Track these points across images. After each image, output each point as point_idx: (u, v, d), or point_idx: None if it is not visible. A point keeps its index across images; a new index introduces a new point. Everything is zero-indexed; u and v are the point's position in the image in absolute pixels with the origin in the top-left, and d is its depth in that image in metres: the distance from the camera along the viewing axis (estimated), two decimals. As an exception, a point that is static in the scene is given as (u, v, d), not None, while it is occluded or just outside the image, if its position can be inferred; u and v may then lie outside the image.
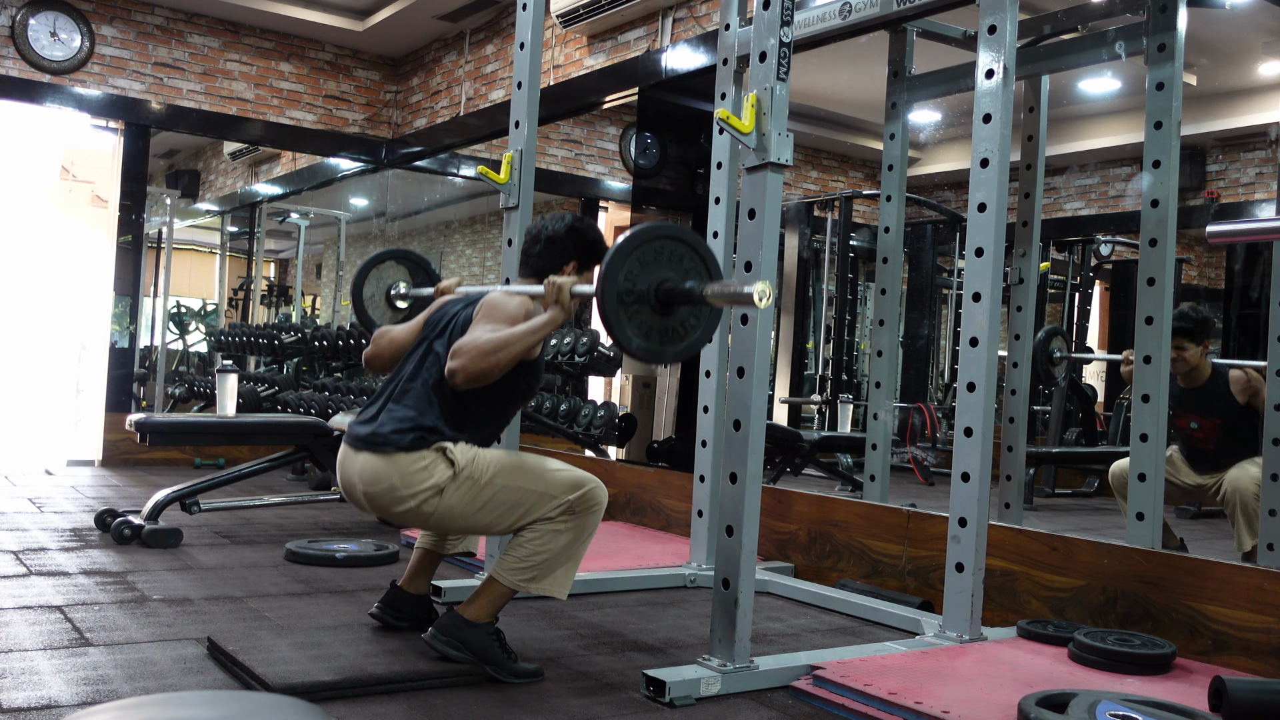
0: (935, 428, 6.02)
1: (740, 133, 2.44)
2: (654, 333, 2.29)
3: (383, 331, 2.78)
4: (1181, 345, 3.86)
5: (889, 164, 4.14)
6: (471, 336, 2.40)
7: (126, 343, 6.68)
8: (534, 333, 2.38)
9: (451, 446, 2.45)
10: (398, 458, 2.43)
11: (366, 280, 3.29)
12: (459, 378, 2.35)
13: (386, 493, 2.45)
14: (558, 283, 2.39)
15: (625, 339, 2.23)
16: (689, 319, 2.34)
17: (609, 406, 5.48)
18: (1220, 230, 2.39)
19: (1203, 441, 3.94)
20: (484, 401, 2.53)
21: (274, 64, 7.24)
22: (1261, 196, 5.96)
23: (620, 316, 2.22)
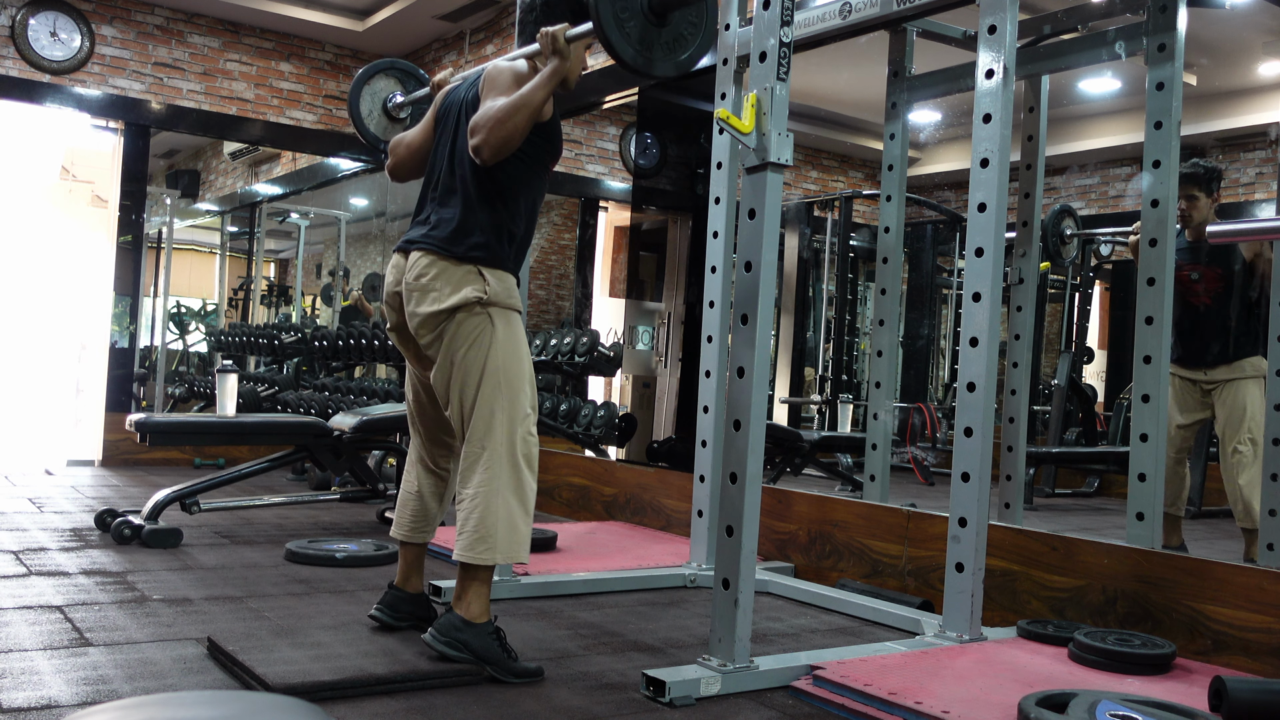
0: (935, 428, 6.03)
1: (740, 133, 2.44)
2: (654, 43, 2.36)
3: (397, 140, 2.82)
4: (1192, 193, 3.86)
5: (889, 164, 4.14)
6: (483, 109, 2.44)
7: (126, 343, 6.68)
8: (541, 86, 2.43)
9: (490, 274, 2.49)
10: (445, 263, 2.49)
11: (361, 98, 3.28)
12: (485, 153, 2.40)
13: (423, 289, 2.50)
14: (550, 31, 2.44)
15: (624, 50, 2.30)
16: (685, 29, 2.41)
17: (609, 406, 5.48)
18: (1220, 230, 2.39)
19: (1201, 295, 3.93)
20: (516, 178, 2.55)
21: (274, 64, 7.25)
22: (1261, 196, 5.96)
23: (618, 32, 2.29)
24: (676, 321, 5.14)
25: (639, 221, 6.13)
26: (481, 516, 2.46)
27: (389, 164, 2.82)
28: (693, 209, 5.20)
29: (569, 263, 8.13)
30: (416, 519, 2.78)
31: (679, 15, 2.38)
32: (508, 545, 2.48)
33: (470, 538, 2.46)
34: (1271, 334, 3.40)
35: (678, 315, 5.12)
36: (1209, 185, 3.90)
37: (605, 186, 7.51)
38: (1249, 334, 3.88)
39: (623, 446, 5.52)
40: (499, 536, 2.47)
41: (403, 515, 2.79)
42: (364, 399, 6.20)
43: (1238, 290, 3.89)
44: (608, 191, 7.53)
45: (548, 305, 8.41)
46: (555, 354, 5.66)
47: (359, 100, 3.27)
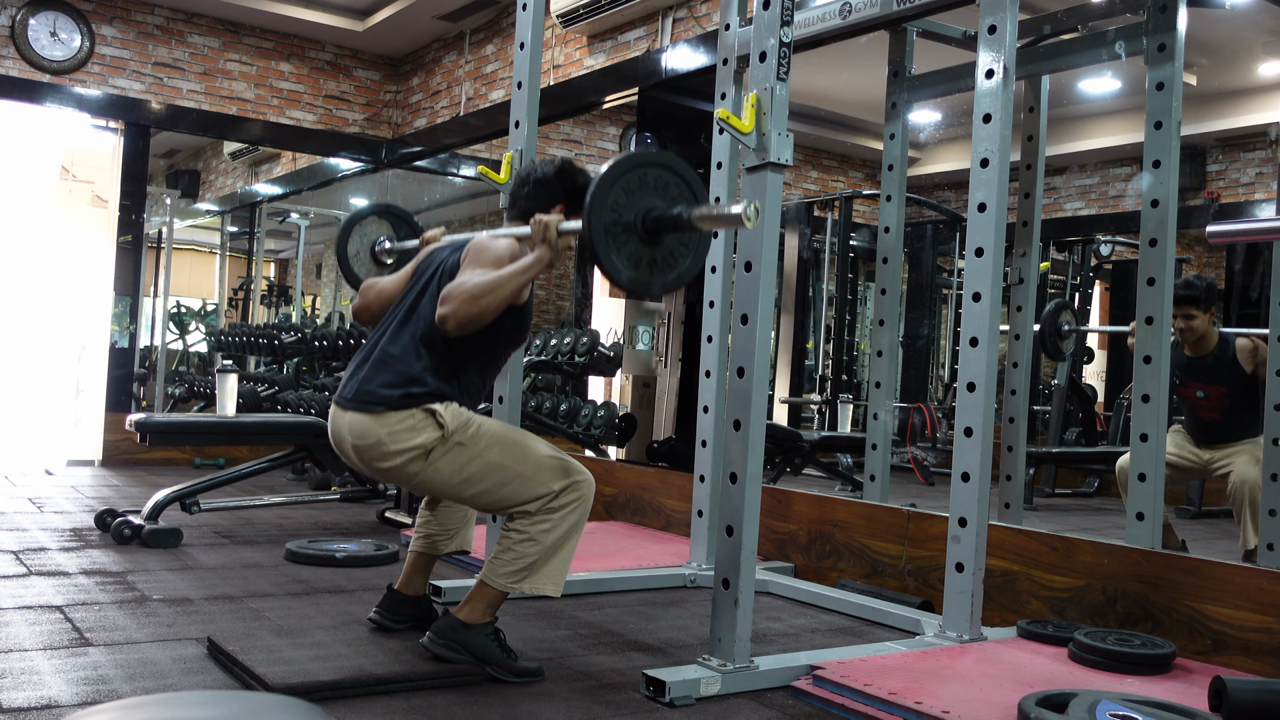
0: (935, 428, 6.02)
1: (740, 133, 2.44)
2: (643, 263, 2.27)
3: (370, 284, 2.75)
4: (1189, 313, 3.86)
5: (889, 164, 4.14)
6: (459, 281, 2.37)
7: (126, 343, 6.68)
8: (523, 273, 2.36)
9: (440, 409, 2.41)
10: (386, 416, 2.40)
11: (350, 237, 3.26)
12: (449, 324, 2.32)
13: (373, 448, 2.42)
14: (544, 220, 2.36)
15: (615, 270, 2.22)
16: (678, 248, 2.33)
17: (609, 406, 5.48)
18: (1220, 230, 2.39)
19: (1208, 410, 3.92)
20: (473, 349, 2.49)
21: (274, 64, 7.25)
22: (1261, 196, 5.96)
23: (609, 247, 2.21)
24: (676, 321, 5.14)
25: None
26: (527, 552, 2.44)
27: (356, 304, 2.75)
28: (693, 209, 5.19)
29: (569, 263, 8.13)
30: (437, 535, 2.80)
31: (671, 236, 2.32)
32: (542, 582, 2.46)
33: (508, 569, 2.44)
34: (1272, 334, 3.40)
35: (678, 315, 5.12)
36: (1206, 303, 3.91)
37: (605, 186, 7.49)
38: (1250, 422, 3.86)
39: (623, 446, 5.52)
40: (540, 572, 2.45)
41: (427, 530, 2.80)
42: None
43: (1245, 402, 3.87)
44: (608, 191, 7.51)
45: (548, 305, 8.41)
46: (555, 354, 5.66)
47: (348, 238, 3.25)
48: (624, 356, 5.56)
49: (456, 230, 2.89)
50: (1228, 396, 3.90)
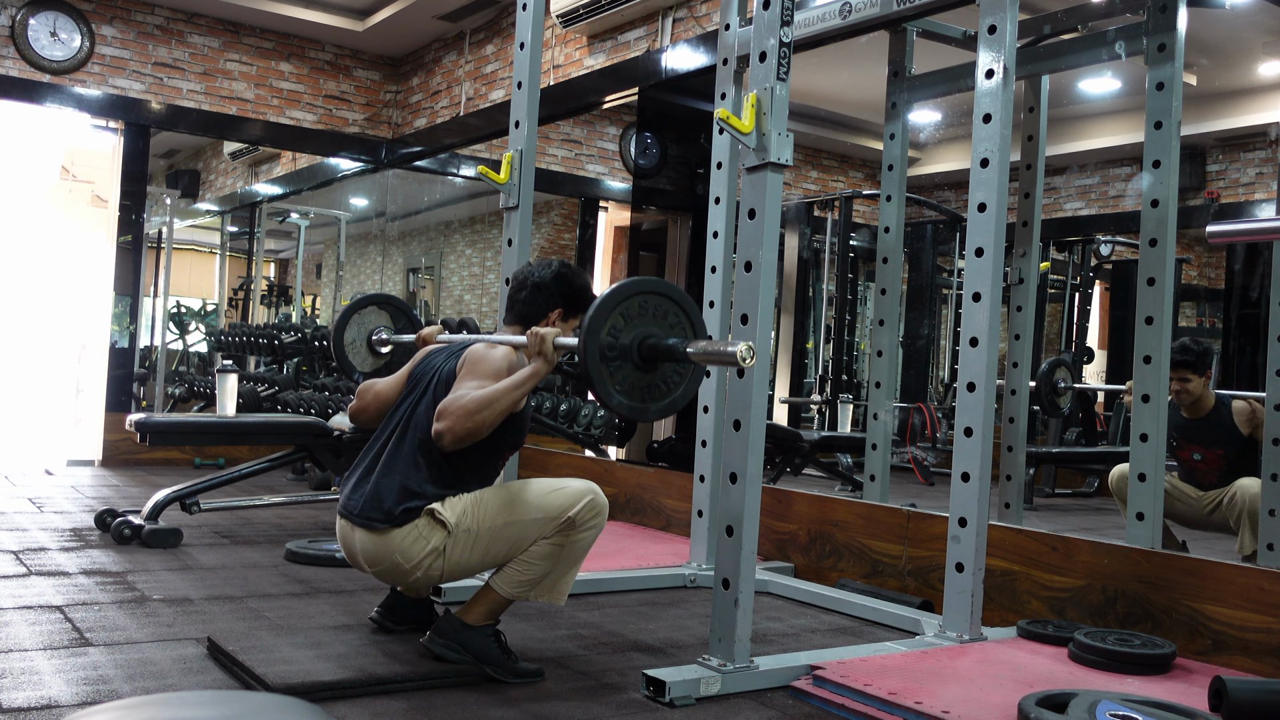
0: (935, 428, 6.02)
1: (740, 133, 2.44)
2: (636, 389, 2.28)
3: (367, 386, 2.75)
4: (1185, 377, 3.88)
5: (889, 164, 4.14)
6: (455, 396, 2.37)
7: (126, 343, 6.68)
8: (518, 387, 2.36)
9: (440, 507, 2.42)
10: (392, 535, 2.42)
11: (348, 325, 3.27)
12: (446, 439, 2.33)
13: (392, 569, 2.46)
14: (540, 334, 2.36)
15: (607, 395, 2.23)
16: (672, 375, 2.34)
17: (609, 406, 5.47)
18: (1220, 230, 2.39)
19: (1205, 473, 3.96)
20: (471, 459, 2.49)
21: (274, 64, 7.24)
22: (1261, 196, 5.95)
23: (603, 373, 2.22)
24: (676, 321, 5.13)
25: (639, 221, 6.13)
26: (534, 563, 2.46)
27: (353, 407, 2.75)
28: (693, 209, 5.20)
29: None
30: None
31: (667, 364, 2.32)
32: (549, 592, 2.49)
33: (519, 579, 2.46)
34: (1271, 334, 3.39)
35: (678, 315, 5.12)
36: (1201, 366, 3.92)
37: (605, 186, 7.51)
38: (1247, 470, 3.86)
39: (623, 446, 5.52)
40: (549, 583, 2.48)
41: None
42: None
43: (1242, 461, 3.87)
44: (608, 191, 7.53)
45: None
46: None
47: (345, 327, 3.27)
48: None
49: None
50: (1225, 459, 3.91)
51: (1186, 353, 3.88)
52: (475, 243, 8.39)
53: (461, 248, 8.54)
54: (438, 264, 8.52)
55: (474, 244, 8.41)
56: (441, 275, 8.48)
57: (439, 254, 8.56)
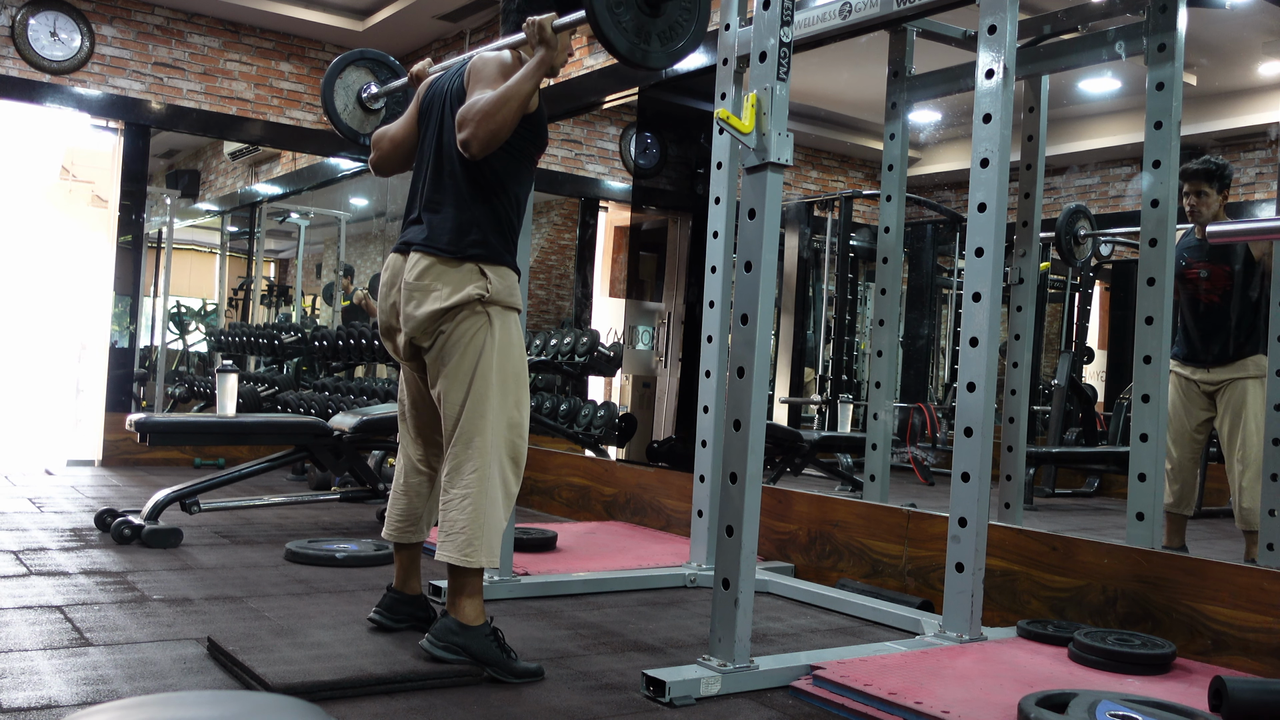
0: (935, 428, 6.02)
1: (740, 133, 2.44)
2: (649, 33, 2.34)
3: (381, 134, 2.78)
4: (1202, 189, 3.85)
5: (889, 164, 4.14)
6: (469, 103, 2.41)
7: (126, 343, 6.68)
8: (528, 78, 2.40)
9: (491, 271, 2.48)
10: (446, 263, 2.48)
11: (335, 94, 3.24)
12: (473, 146, 2.38)
13: (423, 290, 2.48)
14: (538, 21, 2.41)
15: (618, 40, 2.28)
16: (679, 16, 2.39)
17: (609, 406, 5.48)
18: (1220, 230, 2.39)
19: (1209, 292, 3.92)
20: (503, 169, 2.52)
21: (274, 64, 7.25)
22: (1261, 196, 5.96)
23: (611, 21, 2.26)
24: (676, 321, 5.14)
25: (639, 221, 6.13)
26: (470, 518, 2.45)
27: (372, 159, 2.79)
28: (693, 209, 5.20)
29: (569, 263, 8.14)
30: (405, 519, 2.75)
31: (672, 3, 2.37)
32: (489, 548, 2.47)
33: (458, 539, 2.44)
34: (1271, 334, 3.40)
35: (678, 315, 5.12)
36: (1220, 182, 3.90)
37: (605, 186, 7.51)
38: (1251, 332, 3.87)
39: (623, 446, 5.52)
40: (484, 539, 2.45)
41: (392, 515, 2.77)
42: (364, 399, 6.20)
43: (1244, 288, 3.88)
44: (608, 191, 7.53)
45: (548, 305, 8.41)
46: (555, 354, 5.66)
47: (333, 95, 3.23)
48: (624, 356, 5.56)
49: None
50: (1230, 278, 3.89)
51: (1209, 164, 3.86)
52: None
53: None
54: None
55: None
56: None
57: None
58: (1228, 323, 3.91)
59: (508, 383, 2.51)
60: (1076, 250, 5.16)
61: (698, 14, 2.42)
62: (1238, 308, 3.89)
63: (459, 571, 2.46)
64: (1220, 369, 3.92)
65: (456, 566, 2.46)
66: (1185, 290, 3.97)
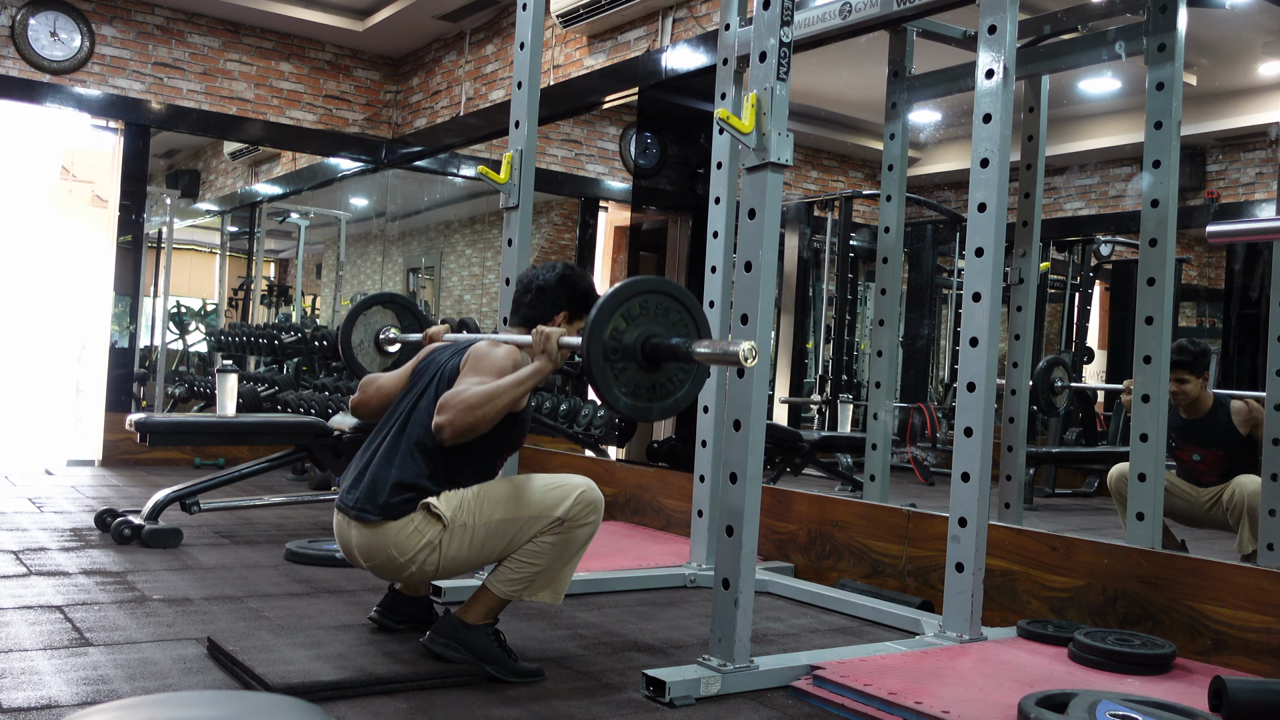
0: (935, 428, 6.02)
1: (740, 133, 2.44)
2: (641, 389, 2.28)
3: (370, 379, 2.75)
4: (1182, 378, 3.88)
5: (889, 164, 4.14)
6: (457, 390, 2.37)
7: (126, 343, 6.68)
8: (520, 384, 2.36)
9: (435, 501, 2.41)
10: (387, 528, 2.41)
11: (355, 327, 3.28)
12: (446, 433, 2.33)
13: (387, 563, 2.45)
14: (546, 332, 2.37)
15: (612, 397, 2.23)
16: (676, 375, 2.34)
17: (609, 407, 5.48)
18: (1220, 230, 2.39)
19: (1205, 474, 3.96)
20: (469, 456, 2.48)
21: (274, 64, 7.24)
22: (1261, 196, 5.95)
23: (606, 373, 2.22)
24: (676, 321, 5.13)
25: (639, 221, 6.13)
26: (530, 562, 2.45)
27: (355, 399, 2.75)
28: (693, 209, 5.20)
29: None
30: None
31: (670, 364, 2.31)
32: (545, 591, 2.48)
33: (513, 577, 2.45)
34: (1271, 334, 3.39)
35: (678, 315, 5.12)
36: (1198, 367, 3.93)
37: (605, 186, 7.50)
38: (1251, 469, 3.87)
39: (623, 446, 5.52)
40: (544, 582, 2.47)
41: None
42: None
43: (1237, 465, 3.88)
44: (608, 191, 7.52)
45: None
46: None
47: (352, 328, 3.27)
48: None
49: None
50: (1224, 460, 3.91)
51: (1183, 353, 3.88)
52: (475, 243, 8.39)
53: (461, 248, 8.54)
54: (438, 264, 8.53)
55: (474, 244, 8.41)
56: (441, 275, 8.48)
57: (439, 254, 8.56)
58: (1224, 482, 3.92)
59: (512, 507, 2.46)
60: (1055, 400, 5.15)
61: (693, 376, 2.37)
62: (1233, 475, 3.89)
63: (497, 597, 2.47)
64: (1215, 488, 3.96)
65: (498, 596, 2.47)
66: (1180, 467, 4.01)
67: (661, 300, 2.30)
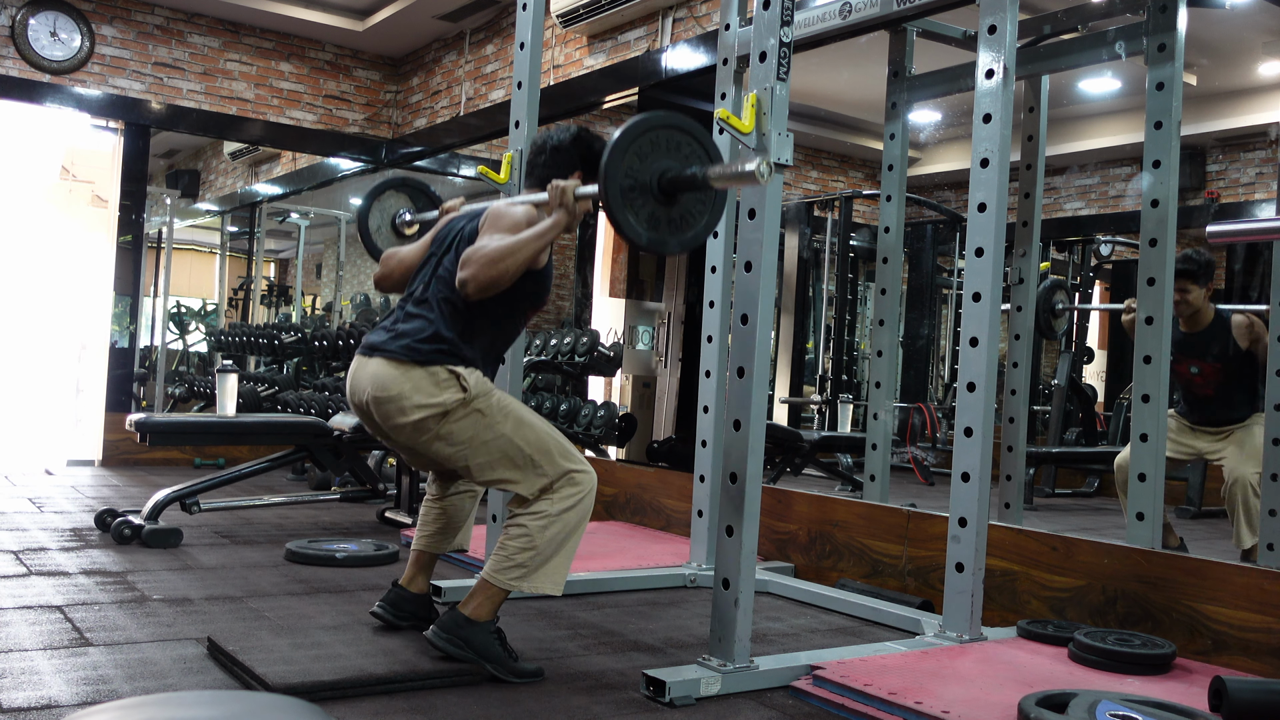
0: (935, 428, 6.02)
1: (740, 133, 2.44)
2: (661, 223, 2.32)
3: (391, 253, 2.80)
4: (1185, 287, 3.85)
5: (889, 164, 4.14)
6: (478, 245, 2.41)
7: (126, 343, 6.68)
8: (540, 237, 2.40)
9: (464, 372, 2.45)
10: (412, 370, 2.44)
11: (371, 213, 3.29)
12: (470, 287, 2.37)
13: (393, 401, 2.45)
14: (561, 185, 2.41)
15: (634, 232, 2.26)
16: (694, 207, 2.37)
17: (609, 406, 5.48)
18: (1220, 230, 2.39)
19: (1202, 386, 3.92)
20: (492, 313, 2.53)
21: (274, 64, 7.24)
22: (1261, 196, 5.96)
23: (625, 210, 2.25)
24: (676, 321, 5.14)
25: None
26: (526, 547, 2.44)
27: (377, 274, 2.79)
28: (693, 209, 5.18)
29: (569, 263, 8.14)
30: (438, 533, 2.80)
31: (688, 195, 2.34)
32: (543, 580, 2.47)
33: (506, 563, 2.44)
34: (1271, 334, 3.39)
35: (678, 315, 5.12)
36: (1203, 277, 3.91)
37: (605, 186, 7.49)
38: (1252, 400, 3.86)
39: (623, 446, 5.52)
40: (540, 570, 2.46)
41: (425, 528, 2.80)
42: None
43: (1238, 378, 3.87)
44: (608, 191, 7.51)
45: (548, 305, 8.40)
46: (555, 354, 5.66)
47: (369, 215, 3.29)
48: (624, 356, 5.56)
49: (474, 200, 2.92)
50: (1222, 373, 3.89)
51: (1189, 262, 3.85)
52: (475, 243, 8.38)
53: (461, 248, 8.53)
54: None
55: (474, 244, 8.41)
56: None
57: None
58: (1227, 406, 3.91)
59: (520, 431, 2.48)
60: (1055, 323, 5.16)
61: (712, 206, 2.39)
62: (1235, 393, 3.88)
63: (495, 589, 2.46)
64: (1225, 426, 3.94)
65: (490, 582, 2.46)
66: (1178, 380, 3.98)
67: (672, 135, 2.31)
